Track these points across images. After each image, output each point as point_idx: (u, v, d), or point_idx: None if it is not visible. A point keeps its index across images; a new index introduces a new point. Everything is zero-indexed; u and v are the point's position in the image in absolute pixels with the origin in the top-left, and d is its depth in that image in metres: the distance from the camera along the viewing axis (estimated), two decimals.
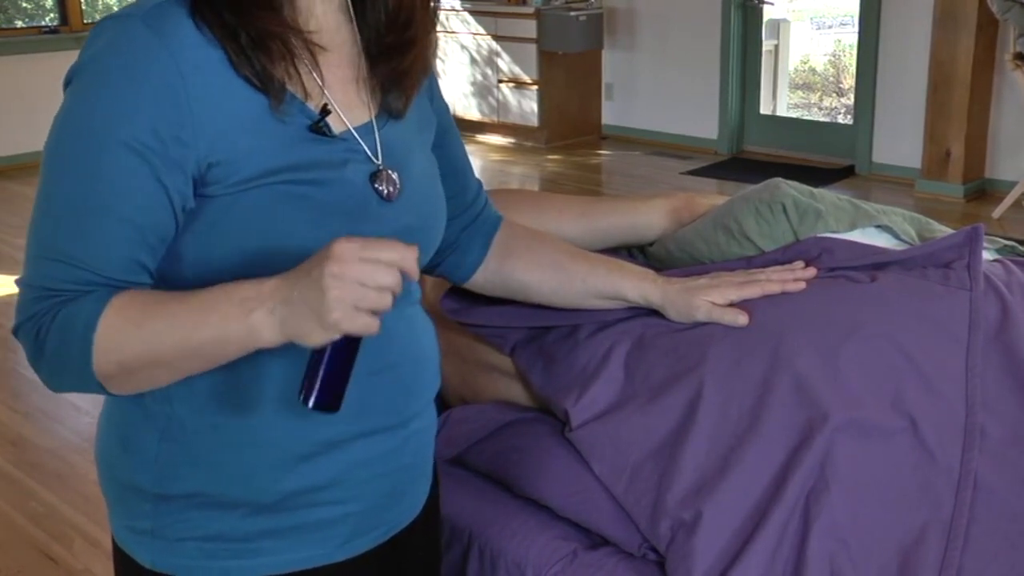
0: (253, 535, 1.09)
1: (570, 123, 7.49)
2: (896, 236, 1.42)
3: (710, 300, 1.31)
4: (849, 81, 8.00)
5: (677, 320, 1.33)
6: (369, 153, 1.08)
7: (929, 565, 1.12)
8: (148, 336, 0.96)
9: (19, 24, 7.43)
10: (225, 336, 0.94)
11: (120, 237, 0.98)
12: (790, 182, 1.47)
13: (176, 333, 0.96)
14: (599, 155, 7.27)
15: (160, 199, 0.98)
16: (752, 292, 1.31)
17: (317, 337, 0.91)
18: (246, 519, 1.08)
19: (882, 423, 1.19)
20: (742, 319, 1.28)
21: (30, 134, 6.93)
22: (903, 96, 6.15)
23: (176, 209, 0.99)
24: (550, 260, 1.34)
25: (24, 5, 7.67)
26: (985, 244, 1.45)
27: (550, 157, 7.17)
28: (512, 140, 7.55)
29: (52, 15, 7.40)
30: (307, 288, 0.90)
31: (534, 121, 7.35)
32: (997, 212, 5.49)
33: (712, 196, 1.58)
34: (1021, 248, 1.48)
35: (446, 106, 1.27)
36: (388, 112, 1.11)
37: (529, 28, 7.19)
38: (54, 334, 0.97)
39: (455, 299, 1.46)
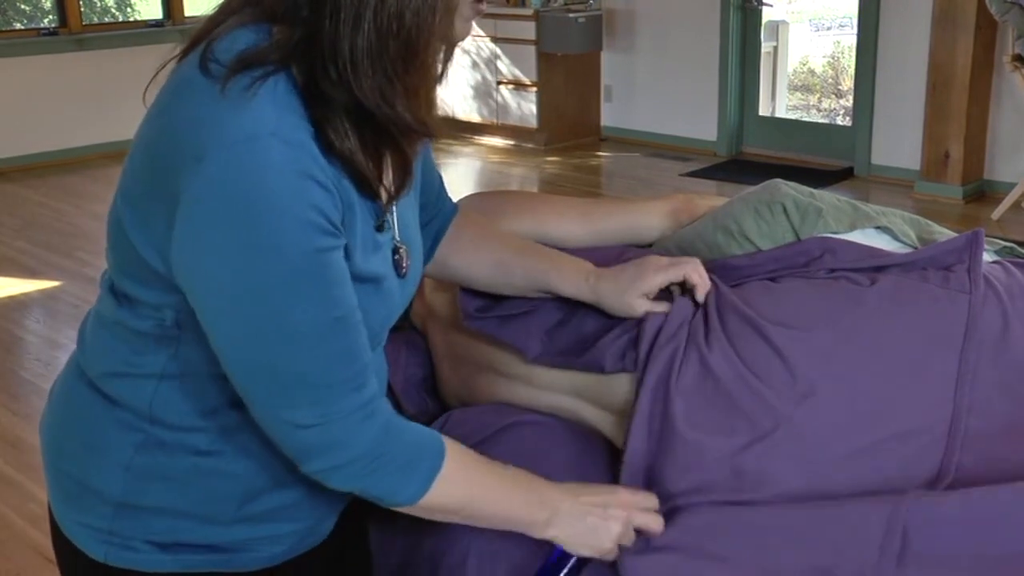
0: (211, 542, 1.12)
1: (569, 125, 7.49)
2: (896, 238, 1.43)
3: (643, 293, 1.32)
4: (848, 83, 8.00)
5: (615, 314, 1.34)
6: (396, 231, 1.12)
7: None
8: (473, 505, 1.14)
9: (18, 26, 7.43)
10: (521, 523, 1.17)
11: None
12: (789, 183, 1.48)
13: (490, 510, 1.16)
14: (598, 157, 7.27)
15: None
16: (676, 274, 1.32)
17: (584, 552, 1.18)
18: (206, 528, 1.12)
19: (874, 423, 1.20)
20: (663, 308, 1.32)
21: (29, 136, 6.94)
22: (902, 98, 6.15)
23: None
24: (492, 258, 1.38)
25: (23, 7, 7.67)
26: (984, 246, 1.45)
27: (549, 159, 7.17)
28: (511, 142, 7.55)
29: (51, 17, 7.40)
30: (600, 519, 1.17)
31: (533, 123, 7.35)
32: (996, 213, 5.50)
33: (711, 198, 1.58)
34: (1020, 250, 1.49)
35: None
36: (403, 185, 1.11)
37: (528, 30, 7.19)
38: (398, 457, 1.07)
39: (477, 311, 1.45)
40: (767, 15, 7.11)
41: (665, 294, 1.35)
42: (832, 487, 1.20)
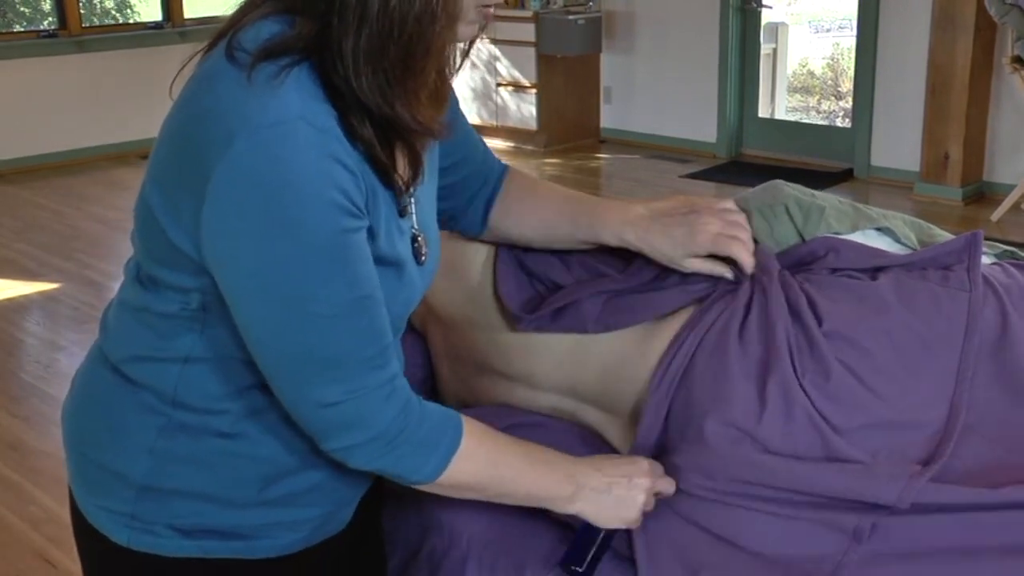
0: (232, 527, 1.14)
1: (569, 126, 7.50)
2: (897, 240, 1.43)
3: (693, 254, 1.32)
4: (847, 84, 8.00)
5: (663, 264, 1.35)
6: (414, 219, 1.13)
7: None
8: (495, 483, 1.15)
9: (17, 28, 7.44)
10: (545, 498, 1.18)
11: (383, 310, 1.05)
12: (790, 184, 1.48)
13: (512, 487, 1.16)
14: (598, 158, 7.27)
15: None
16: (724, 250, 1.32)
17: (612, 525, 1.19)
18: (227, 512, 1.13)
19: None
20: (727, 273, 1.33)
21: (29, 138, 6.94)
22: (901, 99, 6.16)
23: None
24: (539, 218, 1.40)
25: (22, 9, 7.67)
26: (984, 249, 1.45)
27: (549, 160, 7.17)
28: (511, 144, 7.55)
29: (50, 19, 7.40)
30: (625, 491, 1.18)
31: (533, 125, 7.36)
32: (996, 215, 5.50)
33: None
34: (1021, 253, 1.49)
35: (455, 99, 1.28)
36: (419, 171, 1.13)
37: (528, 32, 7.20)
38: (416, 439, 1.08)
39: (526, 312, 1.43)
40: (766, 17, 7.11)
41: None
42: (837, 453, 1.19)
